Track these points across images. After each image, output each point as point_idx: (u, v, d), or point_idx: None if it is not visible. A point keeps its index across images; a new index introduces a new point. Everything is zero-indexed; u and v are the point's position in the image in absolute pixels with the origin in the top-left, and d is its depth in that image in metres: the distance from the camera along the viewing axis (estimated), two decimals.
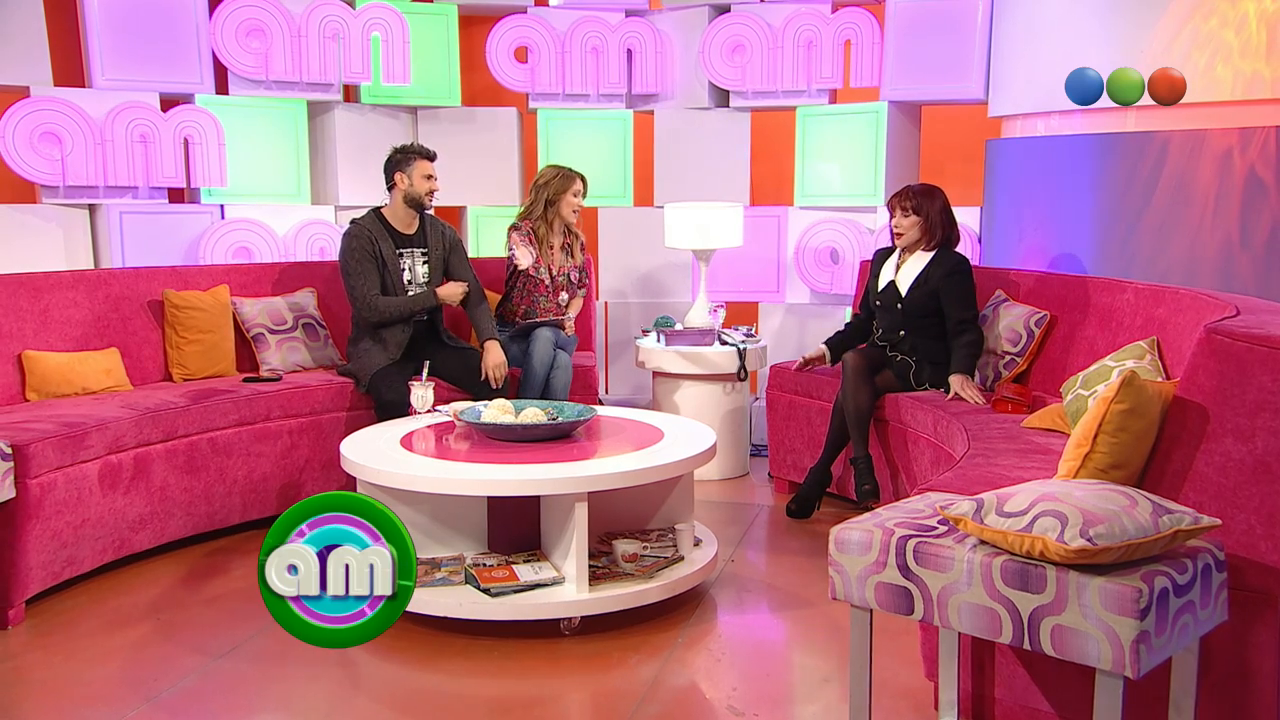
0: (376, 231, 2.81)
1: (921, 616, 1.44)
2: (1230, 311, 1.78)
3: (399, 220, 2.85)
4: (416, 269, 2.86)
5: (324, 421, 2.81)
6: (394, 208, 2.85)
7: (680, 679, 1.92)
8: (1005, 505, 1.40)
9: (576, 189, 3.12)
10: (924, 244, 2.73)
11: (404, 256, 2.84)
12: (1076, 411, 2.12)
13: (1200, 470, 1.49)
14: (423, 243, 2.88)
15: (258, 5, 3.44)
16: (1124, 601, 1.27)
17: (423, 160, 2.82)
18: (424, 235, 2.89)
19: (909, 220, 2.72)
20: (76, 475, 2.24)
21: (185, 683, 1.88)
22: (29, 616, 2.15)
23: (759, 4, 3.68)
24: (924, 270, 2.71)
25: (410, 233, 2.86)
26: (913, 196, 2.73)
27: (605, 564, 2.16)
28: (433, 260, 2.89)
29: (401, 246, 2.84)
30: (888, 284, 2.77)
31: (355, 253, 2.77)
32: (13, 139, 3.10)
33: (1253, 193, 2.60)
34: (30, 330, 2.61)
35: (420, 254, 2.87)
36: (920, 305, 2.71)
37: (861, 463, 2.65)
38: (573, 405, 2.42)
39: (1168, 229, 2.80)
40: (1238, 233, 2.63)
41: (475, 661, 1.96)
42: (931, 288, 2.69)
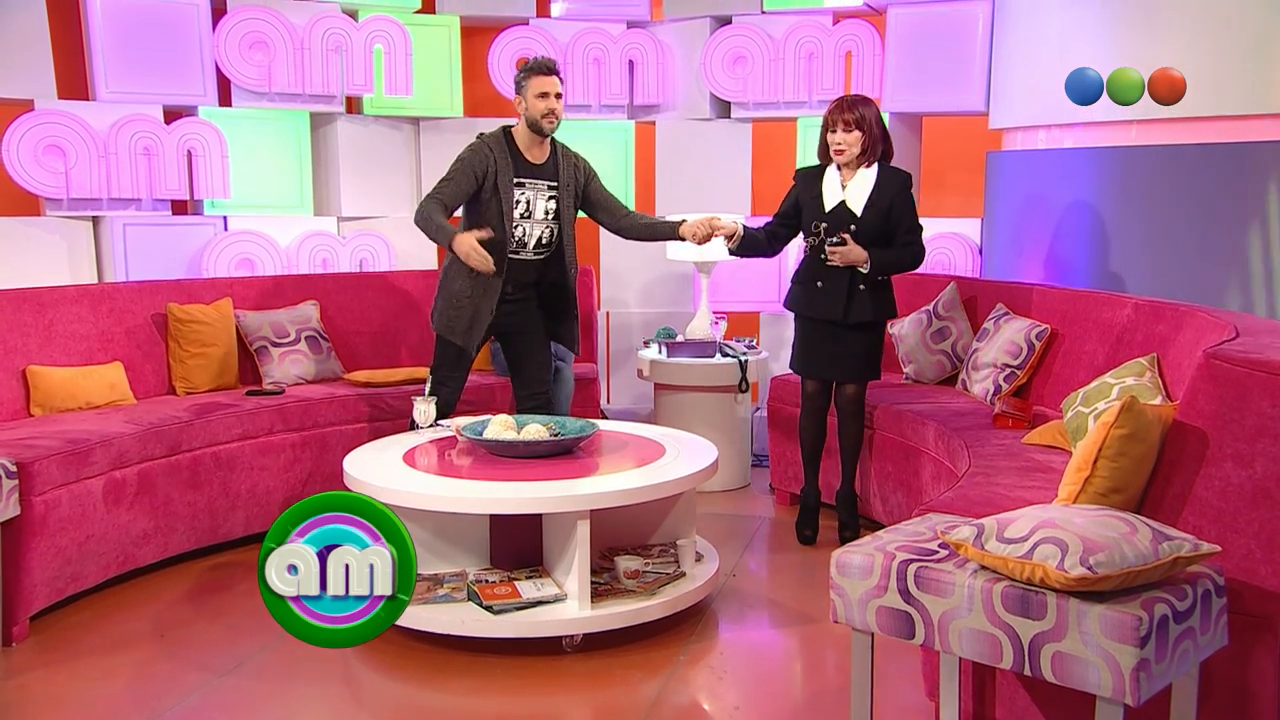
0: (499, 155, 2.46)
1: (923, 641, 1.45)
2: (1229, 333, 1.79)
3: (525, 145, 2.50)
4: (538, 203, 2.49)
5: (327, 435, 2.82)
6: (521, 131, 2.51)
7: (682, 697, 1.93)
8: (1006, 531, 1.40)
9: None
10: (865, 160, 2.52)
11: (524, 188, 2.48)
12: (1077, 429, 2.12)
13: (1200, 495, 1.50)
14: (553, 174, 2.52)
15: (261, 18, 3.44)
16: (1124, 629, 1.28)
17: (539, 76, 2.45)
18: (555, 167, 2.53)
19: (852, 136, 2.49)
20: (81, 492, 2.25)
21: (189, 701, 1.88)
22: (33, 633, 2.15)
23: (760, 15, 3.69)
24: (874, 188, 2.52)
25: (539, 163, 2.51)
26: (854, 108, 2.49)
27: (607, 580, 2.16)
28: (562, 196, 2.53)
29: (524, 175, 2.49)
30: (837, 204, 2.54)
31: (460, 167, 2.44)
32: (17, 152, 3.11)
33: (1256, 206, 2.61)
34: (35, 345, 2.62)
35: (547, 187, 2.51)
36: (874, 226, 2.51)
37: (810, 499, 2.67)
38: (575, 421, 2.42)
39: (1168, 243, 2.80)
40: (1243, 247, 2.63)
41: (478, 679, 1.97)
42: (884, 206, 2.51)
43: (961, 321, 3.00)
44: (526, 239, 2.54)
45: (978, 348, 2.84)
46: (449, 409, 2.58)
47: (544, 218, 2.54)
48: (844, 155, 2.52)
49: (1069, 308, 2.68)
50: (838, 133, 2.51)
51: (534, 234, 2.54)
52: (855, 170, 2.54)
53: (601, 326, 3.81)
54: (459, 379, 2.61)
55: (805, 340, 2.66)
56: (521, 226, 2.51)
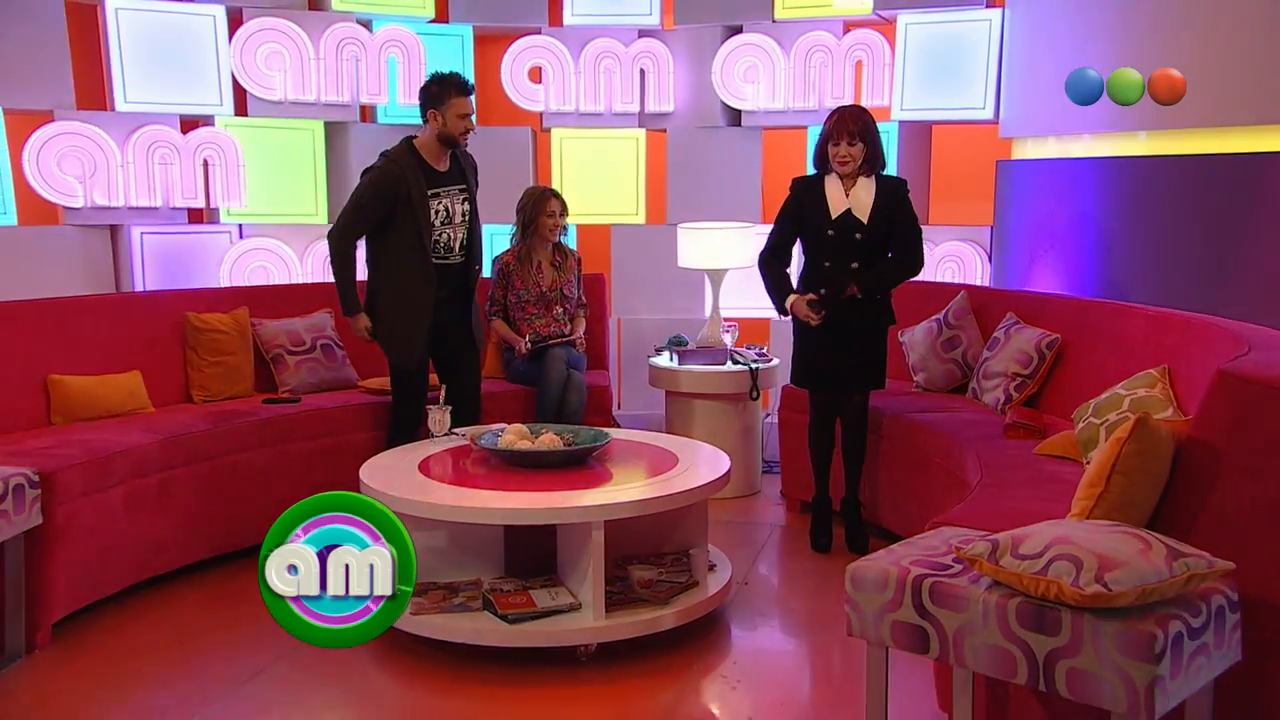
0: (409, 171, 2.53)
1: (937, 655, 1.46)
2: (1242, 347, 1.79)
3: (432, 156, 2.59)
4: (455, 207, 2.61)
5: (342, 443, 2.85)
6: (427, 142, 2.58)
7: (696, 707, 1.95)
8: (1020, 547, 1.41)
9: (551, 209, 3.15)
10: (866, 170, 2.56)
11: (439, 197, 2.58)
12: (1088, 440, 2.13)
13: (1213, 510, 1.50)
14: (459, 178, 2.64)
15: (276, 29, 3.48)
16: (1139, 646, 1.28)
17: (459, 97, 2.54)
18: (459, 170, 2.64)
19: (857, 148, 2.52)
20: (102, 501, 2.28)
21: (210, 711, 1.91)
22: (55, 640, 2.18)
23: (771, 24, 3.70)
24: (877, 197, 2.56)
25: (445, 170, 2.61)
26: (858, 120, 2.53)
27: (621, 589, 2.18)
28: (471, 196, 2.66)
29: (435, 186, 2.58)
30: (843, 213, 2.56)
31: (371, 193, 2.53)
32: (37, 162, 3.15)
33: (1266, 218, 2.61)
34: (56, 354, 2.65)
35: (459, 191, 2.62)
36: (880, 234, 2.56)
37: (823, 506, 2.65)
38: (588, 430, 2.44)
39: (1177, 253, 2.80)
40: (1252, 259, 2.63)
41: (493, 687, 1.99)
42: (889, 214, 2.56)
43: (972, 330, 3.01)
44: (452, 243, 2.65)
45: (988, 356, 2.84)
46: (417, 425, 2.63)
47: (461, 220, 2.64)
48: (848, 167, 2.54)
49: (1080, 317, 2.69)
50: (842, 145, 2.53)
51: (456, 237, 2.65)
52: (856, 179, 2.57)
53: (613, 333, 3.83)
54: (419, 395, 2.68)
55: (806, 351, 2.67)
56: (445, 233, 2.61)
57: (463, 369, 2.74)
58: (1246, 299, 2.58)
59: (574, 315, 3.27)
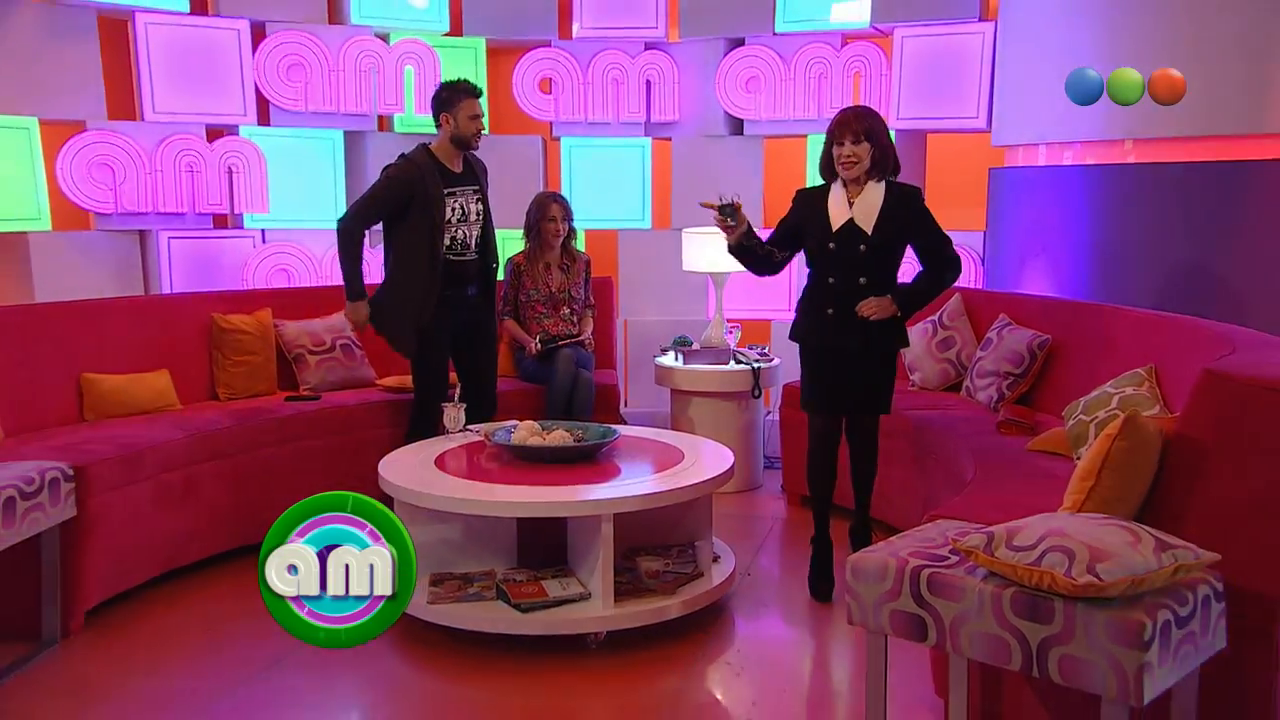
0: (427, 172, 2.66)
1: (934, 643, 1.50)
2: (1226, 348, 1.85)
3: (447, 158, 2.73)
4: (470, 206, 2.74)
5: (361, 439, 2.92)
6: (441, 146, 2.72)
7: (701, 694, 2.02)
8: (1015, 539, 1.44)
9: (551, 214, 3.25)
10: (875, 174, 2.28)
11: (455, 196, 2.71)
12: (1078, 436, 2.18)
13: (1199, 504, 1.54)
14: (473, 179, 2.78)
15: (298, 41, 3.58)
16: (1129, 633, 1.31)
17: (469, 99, 2.68)
18: (472, 172, 2.78)
19: (862, 148, 2.25)
20: (132, 494, 2.36)
21: (236, 694, 1.98)
22: (88, 627, 2.26)
23: (772, 36, 3.79)
24: (884, 205, 2.28)
25: (459, 171, 2.75)
26: (861, 119, 2.26)
27: (629, 580, 2.24)
28: (484, 196, 2.80)
29: (451, 185, 2.71)
30: (845, 223, 2.28)
31: (388, 185, 2.65)
32: (70, 170, 3.26)
33: (1249, 224, 2.66)
34: (89, 354, 2.74)
35: (473, 191, 2.76)
36: (887, 245, 2.29)
37: (823, 550, 2.39)
38: (597, 426, 2.51)
39: (1164, 258, 2.83)
40: (1234, 264, 2.68)
41: (506, 673, 2.06)
42: (899, 225, 2.28)
43: (965, 331, 3.07)
44: (468, 240, 2.76)
45: (981, 356, 2.89)
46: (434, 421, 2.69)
47: (476, 219, 2.77)
48: (853, 169, 2.27)
49: (1069, 319, 2.73)
50: (845, 144, 2.26)
51: (472, 235, 2.77)
52: (863, 186, 2.30)
53: (620, 334, 3.91)
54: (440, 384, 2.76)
55: (814, 372, 2.40)
56: (460, 230, 2.73)
57: (482, 367, 2.84)
58: (1230, 301, 2.62)
59: (582, 316, 3.36)
